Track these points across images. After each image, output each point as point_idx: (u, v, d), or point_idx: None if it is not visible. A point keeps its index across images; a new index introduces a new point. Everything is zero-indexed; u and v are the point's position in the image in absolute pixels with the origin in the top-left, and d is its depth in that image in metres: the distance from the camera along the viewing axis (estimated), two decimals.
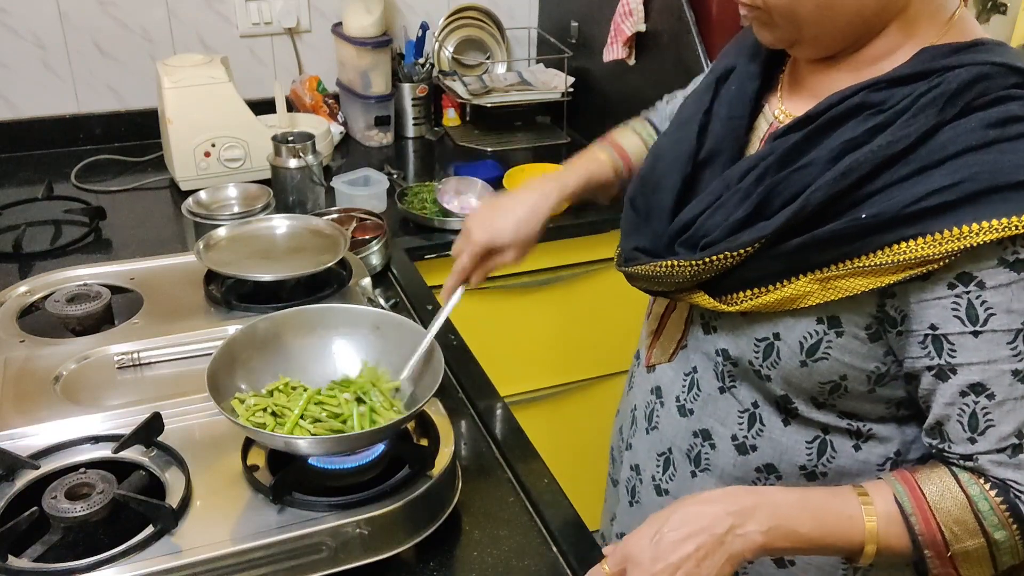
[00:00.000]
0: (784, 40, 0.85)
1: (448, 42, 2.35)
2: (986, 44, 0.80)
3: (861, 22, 0.81)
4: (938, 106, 0.76)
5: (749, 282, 0.85)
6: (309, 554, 0.93)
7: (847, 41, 0.83)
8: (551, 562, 1.01)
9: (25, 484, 0.98)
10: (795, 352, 0.86)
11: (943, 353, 0.78)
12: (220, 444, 1.04)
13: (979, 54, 0.79)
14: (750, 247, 0.82)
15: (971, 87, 0.76)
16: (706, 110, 0.94)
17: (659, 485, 1.05)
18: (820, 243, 0.79)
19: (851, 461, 0.91)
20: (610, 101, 2.14)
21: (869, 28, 0.82)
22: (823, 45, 0.84)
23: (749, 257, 0.83)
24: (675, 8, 1.78)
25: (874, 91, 0.80)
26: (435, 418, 1.08)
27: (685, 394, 1.00)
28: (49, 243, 1.70)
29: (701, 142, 0.93)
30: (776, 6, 0.81)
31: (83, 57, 2.10)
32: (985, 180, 0.73)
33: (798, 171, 0.81)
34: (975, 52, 0.79)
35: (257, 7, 2.18)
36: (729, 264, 0.84)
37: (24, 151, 2.10)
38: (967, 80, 0.76)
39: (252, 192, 1.70)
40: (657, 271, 0.90)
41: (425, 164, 2.21)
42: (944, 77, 0.77)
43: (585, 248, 1.93)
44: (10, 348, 1.22)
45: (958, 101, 0.76)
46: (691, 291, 0.90)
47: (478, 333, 1.53)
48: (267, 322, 1.10)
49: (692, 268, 0.86)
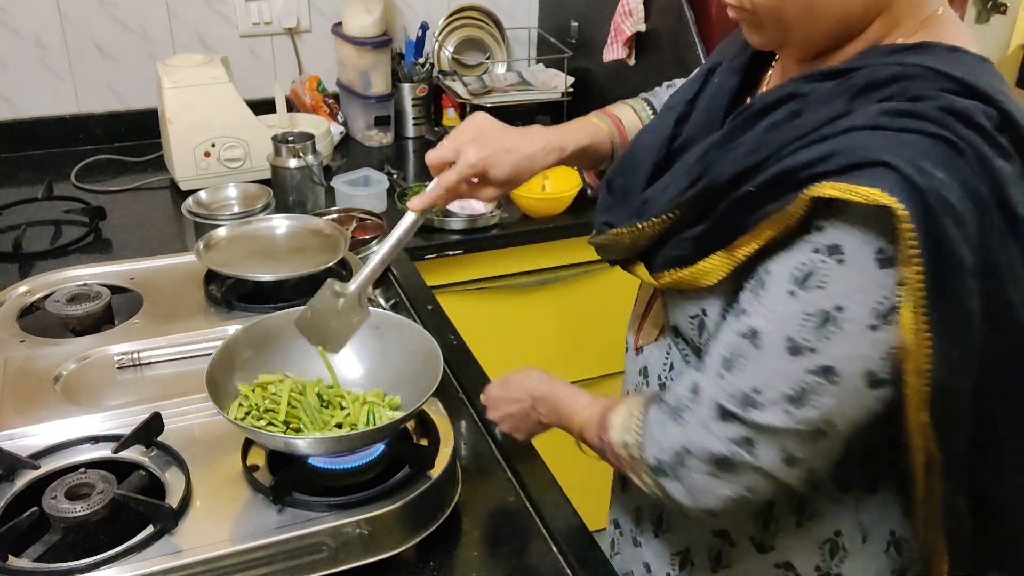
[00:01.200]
0: (772, 42, 0.86)
1: (448, 42, 2.35)
2: (930, 47, 0.80)
3: (847, 24, 0.81)
4: (846, 96, 0.77)
5: (672, 260, 0.87)
6: (309, 554, 0.93)
7: (833, 42, 0.84)
8: (551, 562, 1.01)
9: (25, 484, 0.98)
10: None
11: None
12: (220, 444, 1.04)
13: (915, 56, 0.78)
14: (670, 213, 0.85)
15: (883, 86, 0.76)
16: (690, 99, 0.97)
17: None
18: (721, 221, 0.81)
19: None
20: (610, 101, 2.12)
21: (854, 28, 0.82)
22: (810, 46, 0.85)
23: (674, 233, 0.87)
24: (675, 8, 1.78)
25: (805, 82, 0.82)
26: (435, 418, 1.08)
27: (666, 372, 1.02)
28: (49, 243, 1.70)
29: (679, 130, 0.95)
30: (763, 8, 0.82)
31: (83, 57, 2.10)
32: (853, 155, 0.72)
33: (729, 151, 0.82)
34: (912, 53, 0.79)
35: (257, 7, 2.18)
36: (657, 231, 0.88)
37: (24, 151, 2.10)
38: (882, 77, 0.76)
39: (252, 192, 1.70)
40: (607, 240, 0.94)
41: (425, 164, 2.20)
42: (860, 72, 0.78)
43: (585, 248, 1.91)
44: (10, 348, 1.22)
45: (870, 95, 0.76)
46: (635, 262, 0.94)
47: (478, 333, 1.53)
48: (267, 322, 1.10)
49: (630, 235, 0.90)
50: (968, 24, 2.93)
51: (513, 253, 1.88)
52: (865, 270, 0.72)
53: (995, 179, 0.72)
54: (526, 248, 1.89)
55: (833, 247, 0.73)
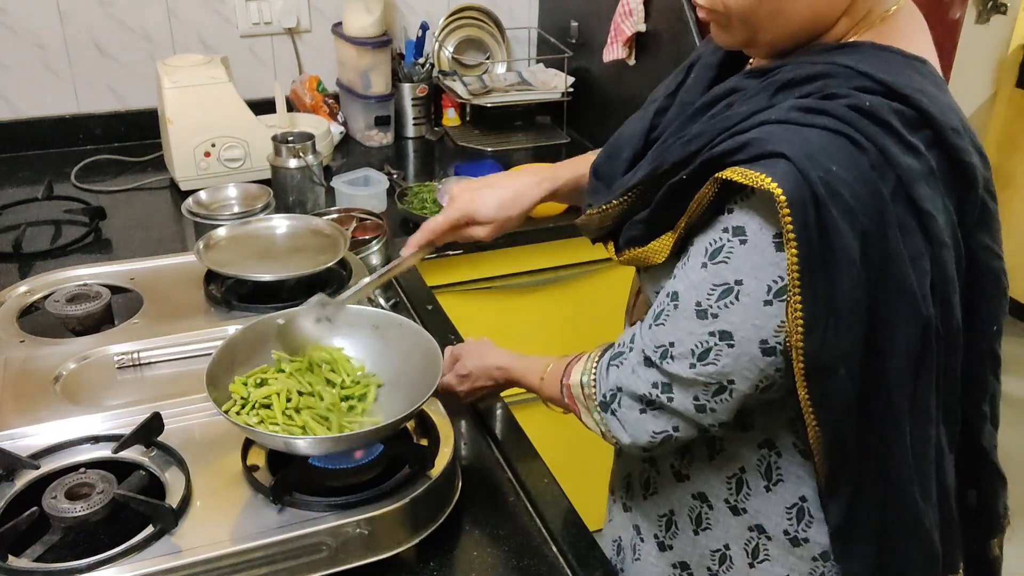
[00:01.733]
0: (740, 43, 0.89)
1: (448, 42, 2.35)
2: (859, 46, 0.84)
3: (814, 25, 0.85)
4: (769, 92, 0.83)
5: (630, 240, 0.95)
6: (309, 554, 0.93)
7: (800, 42, 0.86)
8: (551, 562, 1.01)
9: (25, 484, 0.98)
10: None
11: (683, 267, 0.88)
12: (220, 444, 1.04)
13: (840, 55, 0.82)
14: (626, 196, 0.93)
15: (806, 82, 0.81)
16: (670, 94, 1.01)
17: None
18: (661, 204, 0.89)
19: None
20: (610, 101, 2.14)
21: (820, 30, 0.85)
22: (776, 47, 0.87)
23: (631, 213, 0.94)
24: (675, 8, 1.78)
25: (744, 78, 0.89)
26: (435, 418, 1.08)
27: None
28: (49, 243, 1.70)
29: (657, 122, 1.00)
30: (735, 10, 0.84)
31: (83, 57, 2.10)
32: (758, 147, 0.78)
33: (679, 141, 0.88)
34: (838, 53, 0.83)
35: (257, 7, 2.18)
36: (618, 212, 0.95)
37: (24, 151, 2.10)
38: (801, 75, 0.82)
39: (252, 192, 1.70)
40: (585, 220, 1.01)
41: (425, 164, 2.21)
42: (782, 70, 0.84)
43: (585, 248, 1.92)
44: (10, 348, 1.22)
45: (791, 91, 0.82)
46: (605, 240, 1.01)
47: (478, 333, 1.53)
48: (267, 322, 1.10)
49: (599, 215, 0.97)
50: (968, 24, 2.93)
51: (513, 253, 1.88)
52: (763, 250, 0.80)
53: (899, 175, 0.77)
54: (526, 248, 1.89)
55: (738, 228, 0.81)
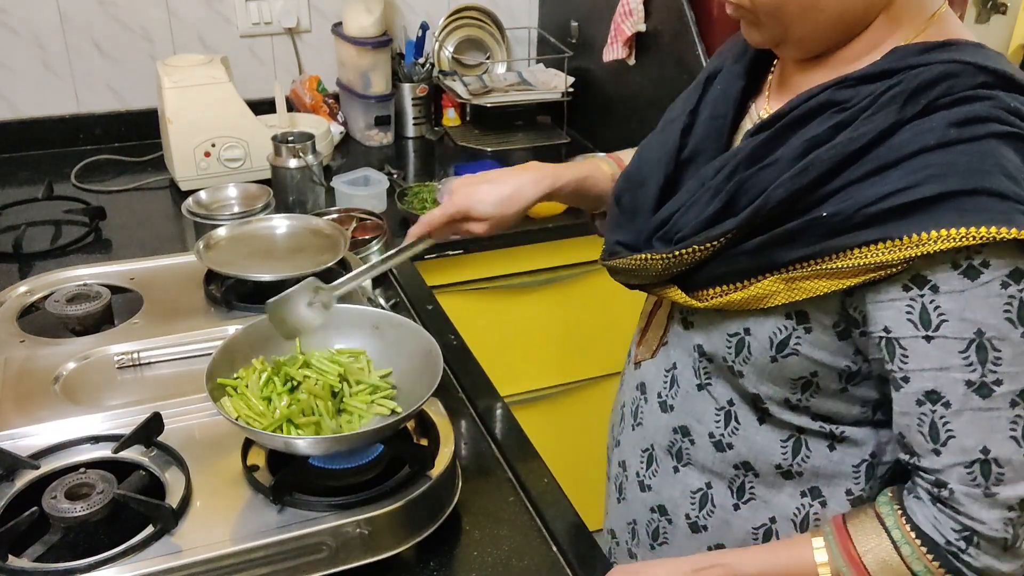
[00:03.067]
0: (771, 40, 0.86)
1: (448, 42, 2.35)
2: (958, 44, 0.80)
3: (846, 21, 0.81)
4: (898, 103, 0.76)
5: (718, 279, 0.86)
6: (309, 554, 0.93)
7: (832, 40, 0.83)
8: (551, 562, 1.01)
9: (25, 484, 0.98)
10: (765, 348, 0.86)
11: (895, 358, 0.78)
12: (220, 444, 1.04)
13: (948, 53, 0.78)
14: (716, 242, 0.84)
15: (934, 85, 0.76)
16: (691, 110, 0.96)
17: (643, 481, 1.06)
18: (782, 241, 0.80)
19: (826, 462, 0.92)
20: (610, 101, 2.14)
21: (854, 27, 0.82)
22: (809, 44, 0.84)
23: (717, 253, 0.85)
24: (675, 8, 1.78)
25: (840, 89, 0.81)
26: (435, 418, 1.08)
27: (667, 390, 1.00)
28: (49, 243, 1.70)
29: (685, 142, 0.94)
30: (763, 5, 0.81)
31: (83, 57, 2.10)
32: (938, 184, 0.73)
33: (765, 168, 0.81)
34: (944, 51, 0.79)
35: (257, 7, 2.18)
36: (698, 258, 0.86)
37: (24, 151, 2.10)
38: (929, 78, 0.76)
39: (252, 192, 1.70)
40: (632, 264, 0.92)
41: (425, 164, 2.21)
42: (907, 75, 0.77)
43: (585, 248, 1.93)
44: (10, 348, 1.22)
45: (920, 99, 0.76)
46: (665, 285, 0.92)
47: (478, 333, 1.53)
48: (267, 322, 1.10)
49: (663, 261, 0.88)
50: (968, 24, 2.93)
51: (513, 253, 1.88)
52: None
53: None
54: (526, 248, 1.89)
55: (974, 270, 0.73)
